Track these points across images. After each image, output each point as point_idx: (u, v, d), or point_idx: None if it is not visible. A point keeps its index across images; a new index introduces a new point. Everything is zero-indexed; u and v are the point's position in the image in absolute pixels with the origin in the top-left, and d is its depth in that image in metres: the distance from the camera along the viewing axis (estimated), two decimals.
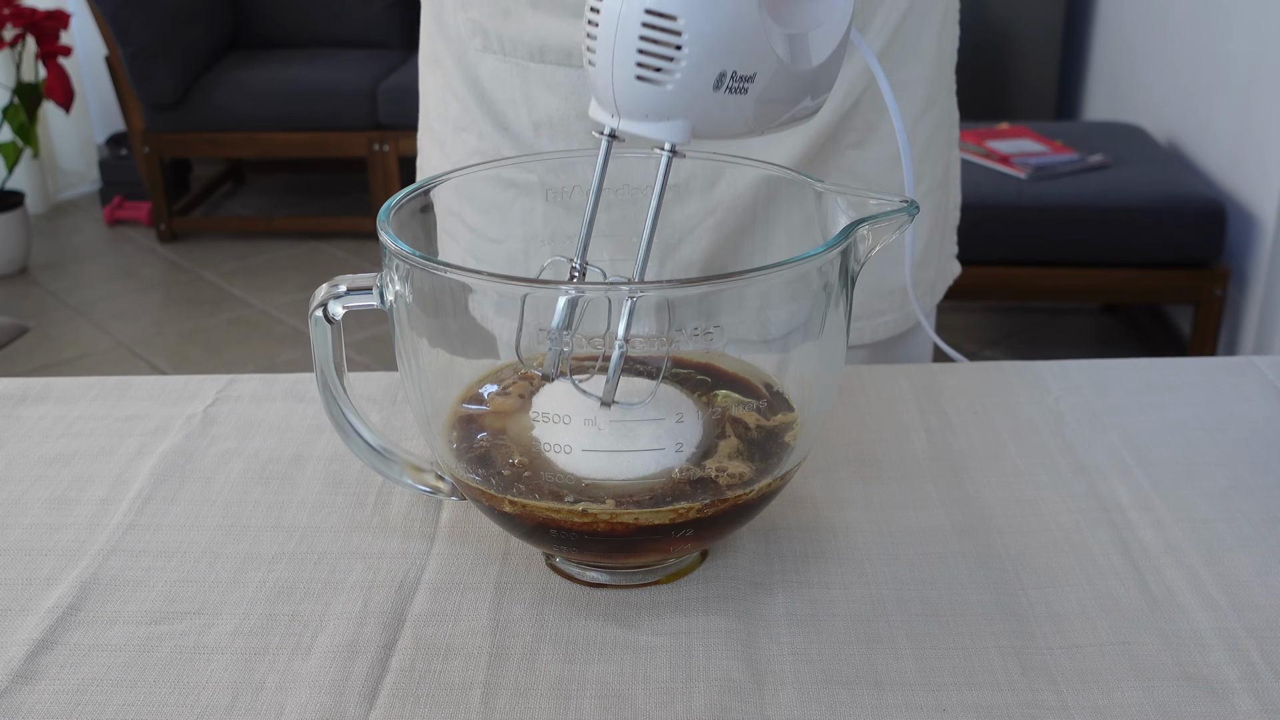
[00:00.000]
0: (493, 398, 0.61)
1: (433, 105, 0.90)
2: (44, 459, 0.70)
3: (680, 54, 0.50)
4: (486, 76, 0.83)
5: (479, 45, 0.83)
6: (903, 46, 0.82)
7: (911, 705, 0.51)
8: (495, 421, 0.60)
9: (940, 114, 0.88)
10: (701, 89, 0.51)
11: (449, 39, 0.85)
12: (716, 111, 0.53)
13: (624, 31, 0.51)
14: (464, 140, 0.87)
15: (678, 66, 0.50)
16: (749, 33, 0.51)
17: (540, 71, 0.81)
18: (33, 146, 3.32)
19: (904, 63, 0.83)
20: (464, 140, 0.87)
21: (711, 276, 0.51)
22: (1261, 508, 0.64)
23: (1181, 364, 0.78)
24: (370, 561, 0.61)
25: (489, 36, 0.82)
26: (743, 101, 0.53)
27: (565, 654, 0.54)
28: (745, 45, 0.51)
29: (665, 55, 0.50)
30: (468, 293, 0.56)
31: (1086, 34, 3.20)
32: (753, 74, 0.52)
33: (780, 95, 0.55)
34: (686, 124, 0.53)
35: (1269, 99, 2.23)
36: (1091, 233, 2.28)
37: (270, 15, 3.75)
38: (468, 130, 0.86)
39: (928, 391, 0.76)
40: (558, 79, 0.81)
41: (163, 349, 2.89)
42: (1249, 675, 0.52)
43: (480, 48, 0.83)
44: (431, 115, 0.90)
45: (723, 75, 0.51)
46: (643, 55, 0.51)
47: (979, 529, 0.63)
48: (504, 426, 0.59)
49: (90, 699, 0.52)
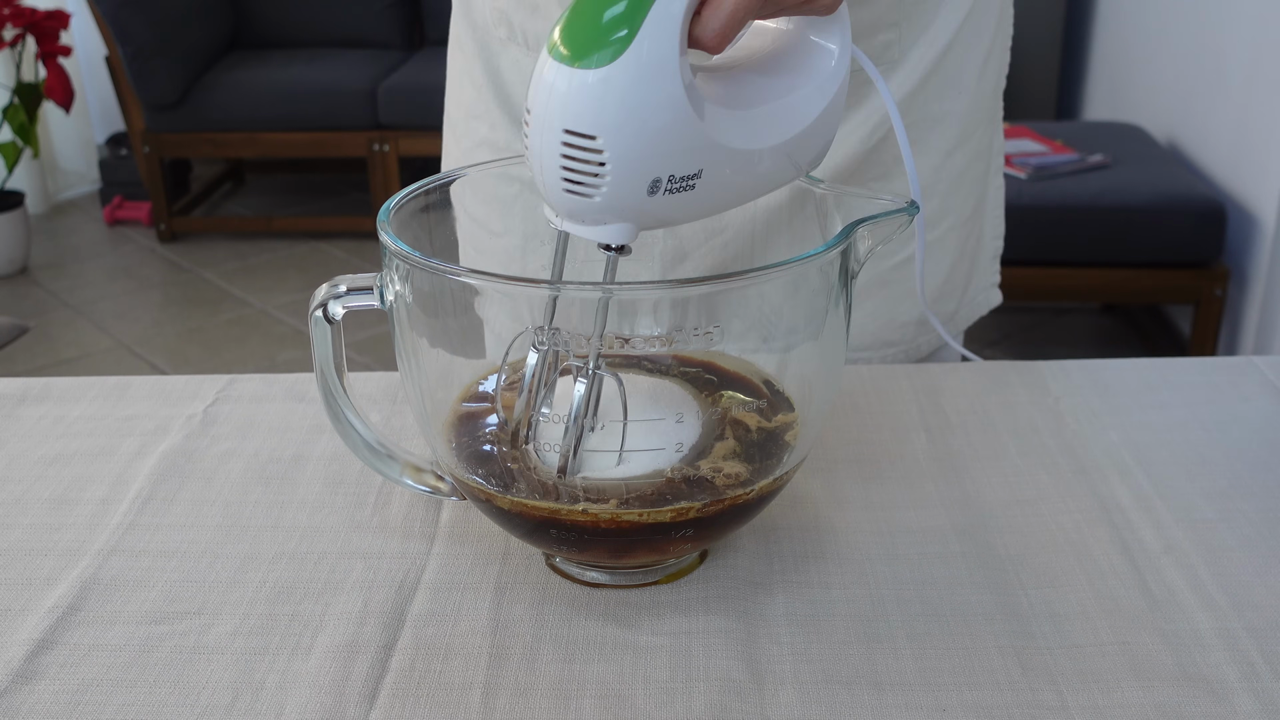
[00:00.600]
0: (498, 393, 0.61)
1: (452, 89, 0.89)
2: (44, 459, 0.70)
3: (604, 169, 0.49)
4: (507, 67, 0.83)
5: (503, 35, 0.82)
6: (942, 82, 0.79)
7: (911, 705, 0.51)
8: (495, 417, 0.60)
9: (977, 147, 0.84)
10: (635, 198, 0.50)
11: (474, 25, 0.84)
12: (662, 211, 0.51)
13: (547, 146, 0.49)
14: (474, 128, 0.86)
15: (603, 181, 0.49)
16: (682, 137, 0.49)
17: None
18: (33, 146, 3.32)
19: (941, 97, 0.80)
20: (474, 128, 0.86)
21: (711, 276, 0.51)
22: (1261, 508, 0.64)
23: (1181, 364, 0.78)
24: (370, 561, 0.61)
25: (514, 28, 0.81)
26: (691, 198, 0.51)
27: (565, 654, 0.54)
28: (679, 150, 0.50)
29: (589, 172, 0.49)
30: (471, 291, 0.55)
31: (1086, 34, 3.20)
32: (696, 171, 0.50)
33: (745, 177, 0.54)
34: (628, 226, 0.51)
35: (1269, 99, 2.23)
36: (1091, 233, 2.28)
37: (270, 15, 3.75)
38: (480, 119, 0.85)
39: (928, 391, 0.76)
40: None
41: (163, 349, 2.89)
42: (1249, 675, 0.52)
43: (505, 38, 0.82)
44: (450, 100, 0.90)
45: (657, 182, 0.50)
46: (566, 171, 0.49)
47: (979, 529, 0.63)
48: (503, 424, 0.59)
49: (90, 699, 0.52)
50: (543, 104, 0.49)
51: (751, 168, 0.53)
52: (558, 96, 0.48)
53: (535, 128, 0.50)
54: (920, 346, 0.87)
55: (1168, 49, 2.70)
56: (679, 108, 0.48)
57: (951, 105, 0.80)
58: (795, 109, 0.55)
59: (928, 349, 0.87)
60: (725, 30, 0.49)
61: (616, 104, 0.48)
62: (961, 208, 0.85)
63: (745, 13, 0.49)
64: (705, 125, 0.50)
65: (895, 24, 0.75)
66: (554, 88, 0.48)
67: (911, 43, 0.77)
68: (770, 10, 0.52)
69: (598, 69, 0.47)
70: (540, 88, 0.49)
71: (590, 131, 0.48)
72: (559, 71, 0.48)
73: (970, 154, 0.84)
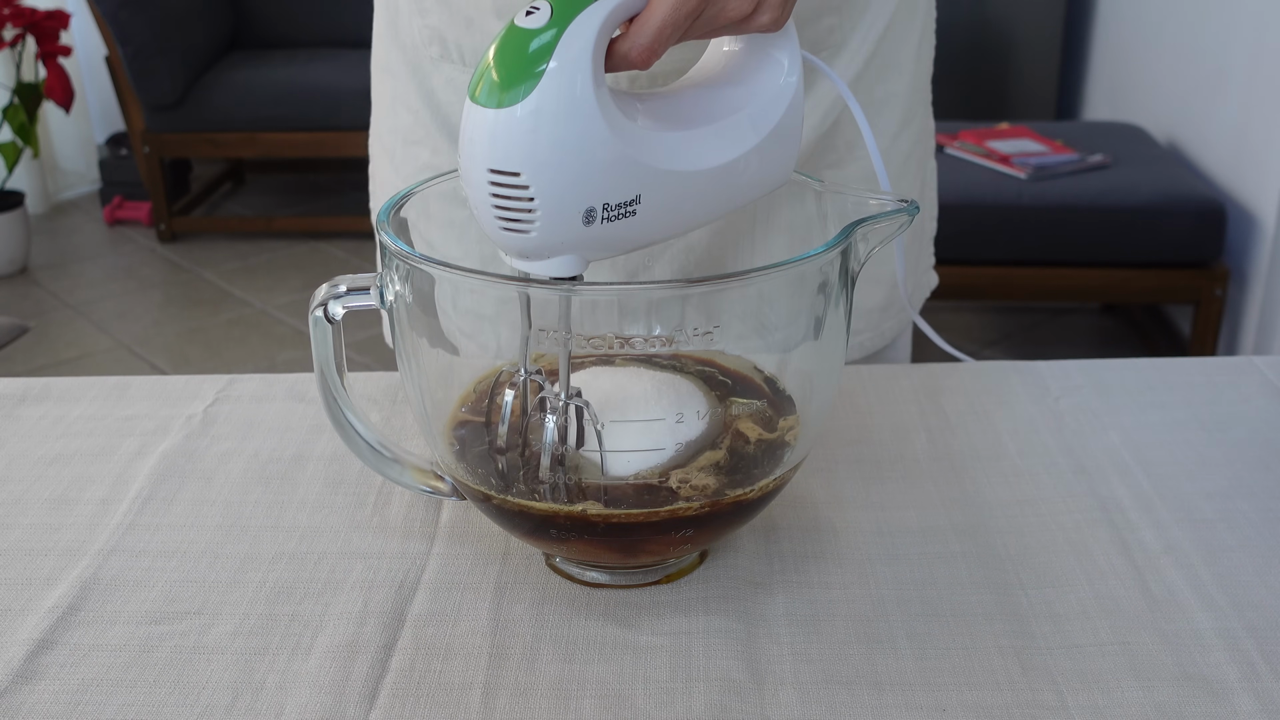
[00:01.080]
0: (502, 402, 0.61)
1: (383, 115, 0.86)
2: (44, 459, 0.70)
3: (534, 204, 0.50)
4: (442, 88, 0.79)
5: (436, 54, 0.78)
6: (882, 64, 0.80)
7: (911, 705, 0.51)
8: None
9: (919, 128, 0.86)
10: (571, 229, 0.50)
11: (403, 46, 0.81)
12: (606, 239, 0.52)
13: (478, 187, 0.51)
14: (415, 154, 0.83)
15: (536, 216, 0.50)
16: (607, 165, 0.50)
17: None
18: (33, 146, 3.32)
19: (883, 79, 0.80)
20: (415, 154, 0.83)
21: (711, 277, 0.51)
22: (1261, 508, 0.64)
23: (1181, 364, 0.78)
24: (370, 561, 0.61)
25: (447, 46, 0.77)
26: (636, 223, 0.52)
27: (565, 654, 0.54)
28: (608, 177, 0.50)
29: (519, 208, 0.50)
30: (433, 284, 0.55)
31: (1086, 34, 3.20)
32: (633, 197, 0.51)
33: (698, 198, 0.54)
34: (573, 258, 0.52)
35: (1269, 99, 2.23)
36: (1091, 233, 2.28)
37: (270, 15, 3.75)
38: (420, 144, 0.82)
39: (928, 391, 0.76)
40: None
41: (163, 349, 2.89)
42: (1249, 675, 0.52)
43: (437, 56, 0.78)
44: (381, 125, 0.86)
45: (591, 211, 0.50)
46: (499, 210, 0.50)
47: (979, 529, 0.63)
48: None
49: (90, 699, 0.52)
50: (467, 146, 0.51)
51: (699, 189, 0.54)
52: (479, 137, 0.50)
53: (464, 169, 0.51)
54: (884, 333, 0.88)
55: (1168, 49, 2.70)
56: (598, 136, 0.49)
57: (893, 87, 0.81)
58: (744, 125, 0.55)
59: (891, 335, 0.89)
60: (652, 46, 0.50)
61: (533, 139, 0.49)
62: (909, 190, 0.87)
63: (672, 29, 0.50)
64: (634, 150, 0.51)
65: (837, 8, 0.75)
66: (474, 129, 0.50)
67: (852, 27, 0.78)
68: (704, 30, 0.53)
69: (509, 107, 0.49)
70: (464, 131, 0.51)
71: (512, 169, 0.49)
72: (476, 113, 0.50)
73: (913, 136, 0.85)
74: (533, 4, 0.49)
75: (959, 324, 2.84)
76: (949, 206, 2.25)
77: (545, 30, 0.49)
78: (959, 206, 2.25)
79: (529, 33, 0.49)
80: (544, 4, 0.49)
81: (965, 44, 3.06)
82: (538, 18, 0.49)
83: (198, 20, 3.48)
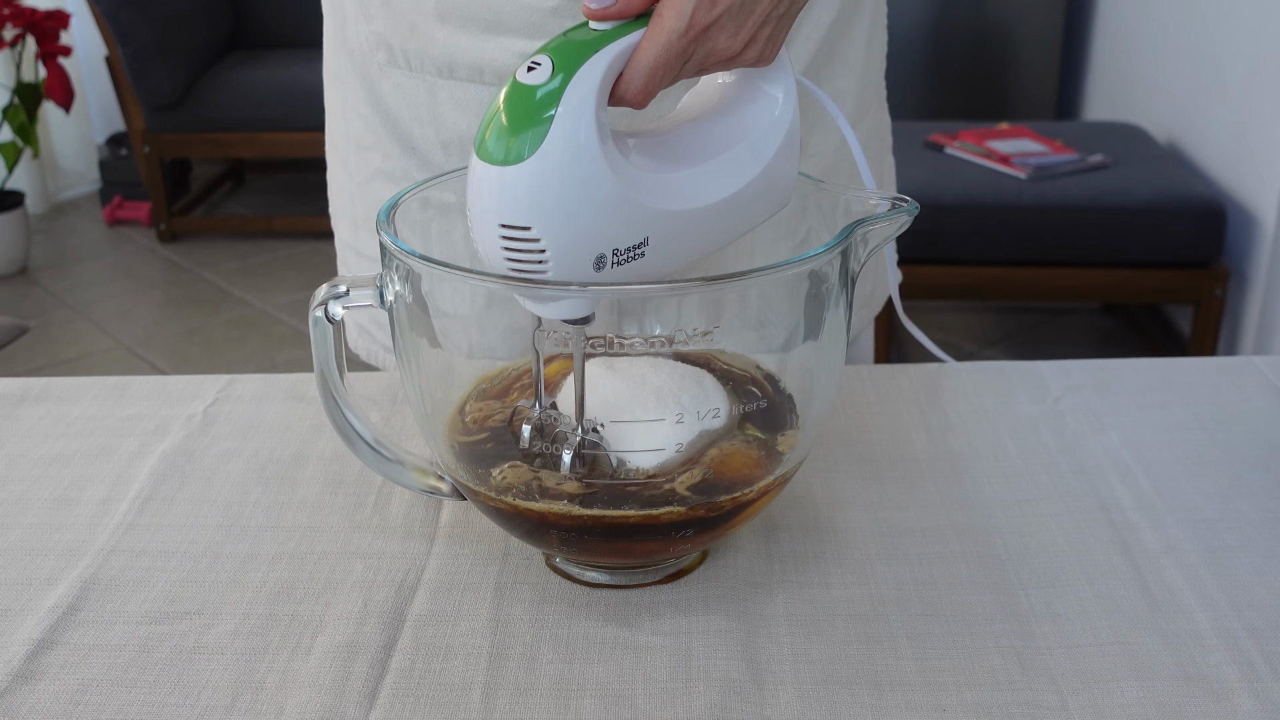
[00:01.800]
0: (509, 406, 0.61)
1: (335, 122, 0.85)
2: (44, 459, 0.70)
3: (545, 255, 0.50)
4: (390, 93, 0.79)
5: (383, 60, 0.78)
6: (829, 58, 0.79)
7: (911, 705, 0.51)
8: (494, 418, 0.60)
9: (873, 123, 0.86)
10: (582, 277, 0.51)
11: (351, 52, 0.80)
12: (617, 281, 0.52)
13: (489, 240, 0.51)
14: (368, 160, 0.82)
15: (547, 266, 0.50)
16: (616, 213, 0.51)
17: (449, 88, 0.76)
18: (33, 146, 3.32)
19: (831, 75, 0.80)
20: (368, 160, 0.82)
21: (711, 277, 0.51)
22: (1261, 508, 0.64)
23: (1181, 364, 0.78)
24: (370, 561, 0.61)
25: (394, 51, 0.77)
26: (644, 264, 0.53)
27: (565, 654, 0.54)
28: (617, 225, 0.51)
29: (531, 260, 0.50)
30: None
31: (1086, 34, 3.20)
32: (641, 240, 0.52)
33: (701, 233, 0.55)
34: (585, 300, 0.52)
35: (1269, 99, 2.23)
36: (1091, 233, 2.28)
37: (270, 15, 3.75)
38: (371, 150, 0.82)
39: (928, 391, 0.76)
40: (468, 96, 0.76)
41: (163, 349, 2.89)
42: (1249, 675, 0.52)
43: (384, 62, 0.78)
44: (335, 132, 0.86)
45: (601, 258, 0.51)
46: (510, 261, 0.51)
47: (979, 529, 0.63)
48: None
49: (90, 699, 0.52)
50: (476, 201, 0.51)
51: (705, 224, 0.55)
52: (488, 193, 0.50)
53: (474, 224, 0.52)
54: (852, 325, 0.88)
55: (1168, 49, 2.70)
56: (606, 186, 0.50)
57: (844, 83, 0.82)
58: (745, 157, 0.56)
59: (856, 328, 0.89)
60: (646, 89, 0.51)
61: (542, 194, 0.49)
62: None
63: (665, 69, 0.51)
64: (641, 195, 0.51)
65: None
66: (482, 184, 0.50)
67: (796, 28, 0.78)
68: (696, 68, 0.53)
69: (518, 164, 0.49)
70: (472, 186, 0.51)
71: (523, 223, 0.50)
72: (484, 169, 0.50)
73: (867, 132, 0.85)
74: (533, 60, 0.50)
75: (959, 324, 2.84)
76: (949, 207, 2.26)
77: (548, 85, 0.49)
78: (959, 206, 2.25)
79: (532, 88, 0.49)
80: (544, 59, 0.50)
81: (965, 44, 3.06)
82: (540, 73, 0.49)
83: (198, 20, 3.48)
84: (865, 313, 0.91)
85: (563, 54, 0.50)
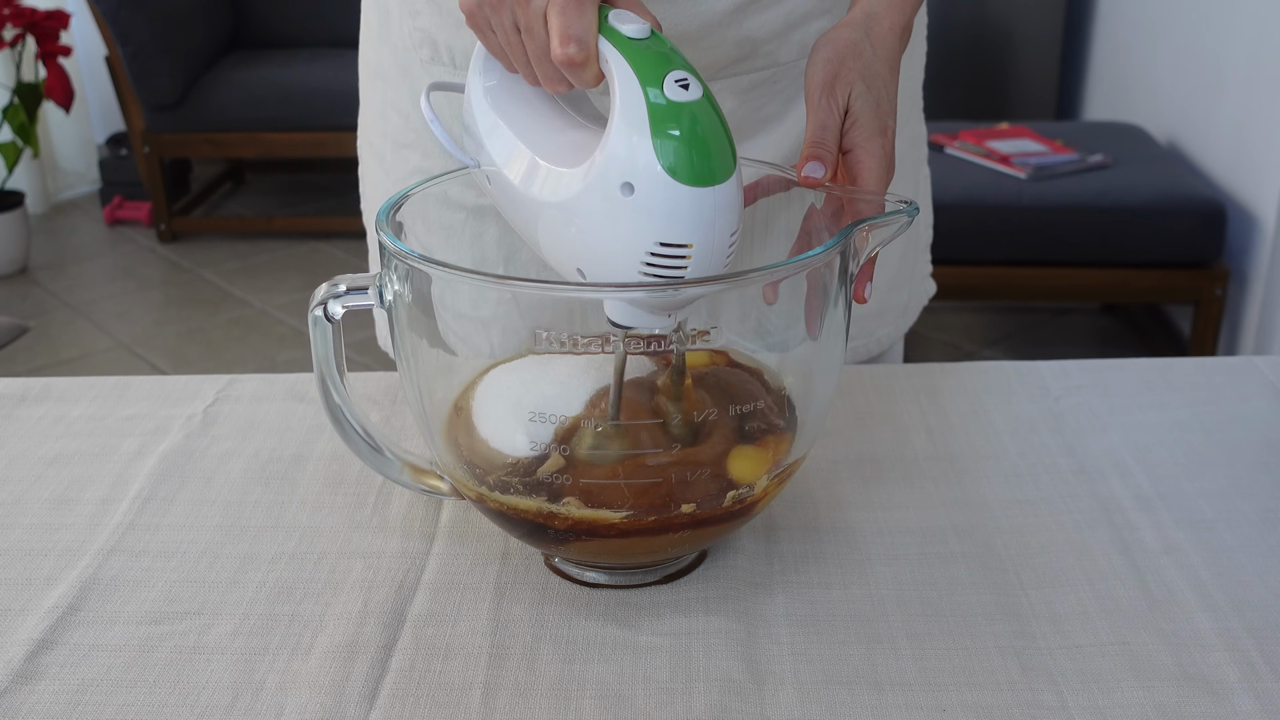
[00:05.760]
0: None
1: (373, 119, 0.85)
2: (44, 459, 0.70)
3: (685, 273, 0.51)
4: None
5: (426, 56, 0.77)
6: None
7: (911, 705, 0.51)
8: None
9: (911, 134, 0.85)
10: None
11: (394, 48, 0.80)
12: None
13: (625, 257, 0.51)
14: (405, 158, 0.82)
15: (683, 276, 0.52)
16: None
17: None
18: (33, 146, 3.32)
19: None
20: (405, 158, 0.82)
21: (711, 277, 0.51)
22: (1261, 508, 0.64)
23: (1181, 364, 0.78)
24: (370, 561, 0.61)
25: (438, 48, 0.76)
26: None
27: (565, 654, 0.54)
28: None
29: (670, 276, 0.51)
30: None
31: (1086, 34, 3.20)
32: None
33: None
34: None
35: (1269, 99, 2.23)
36: (1091, 233, 2.28)
37: (270, 15, 3.74)
38: (410, 147, 0.81)
39: (928, 391, 0.76)
40: None
41: (163, 349, 2.89)
42: (1249, 675, 0.52)
43: (427, 59, 0.77)
44: (371, 129, 0.86)
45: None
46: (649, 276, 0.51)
47: (979, 529, 0.63)
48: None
49: (90, 699, 0.52)
50: (630, 220, 0.50)
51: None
52: (658, 211, 0.50)
53: (606, 242, 0.51)
54: (880, 340, 0.88)
55: (1168, 49, 2.70)
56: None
57: None
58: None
59: (887, 342, 0.88)
60: None
61: (714, 213, 0.50)
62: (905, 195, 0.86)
63: None
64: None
65: (827, 11, 0.76)
66: (653, 204, 0.50)
67: None
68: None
69: (725, 182, 0.51)
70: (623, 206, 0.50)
71: (684, 240, 0.50)
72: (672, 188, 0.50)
73: (906, 142, 0.84)
74: (678, 77, 0.50)
75: (959, 324, 2.84)
76: (949, 207, 2.26)
77: (707, 101, 0.50)
78: (959, 206, 2.25)
79: (712, 107, 0.51)
80: (686, 74, 0.50)
81: (965, 44, 3.06)
82: (694, 89, 0.50)
83: (198, 20, 3.48)
84: (901, 323, 0.90)
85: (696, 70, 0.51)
